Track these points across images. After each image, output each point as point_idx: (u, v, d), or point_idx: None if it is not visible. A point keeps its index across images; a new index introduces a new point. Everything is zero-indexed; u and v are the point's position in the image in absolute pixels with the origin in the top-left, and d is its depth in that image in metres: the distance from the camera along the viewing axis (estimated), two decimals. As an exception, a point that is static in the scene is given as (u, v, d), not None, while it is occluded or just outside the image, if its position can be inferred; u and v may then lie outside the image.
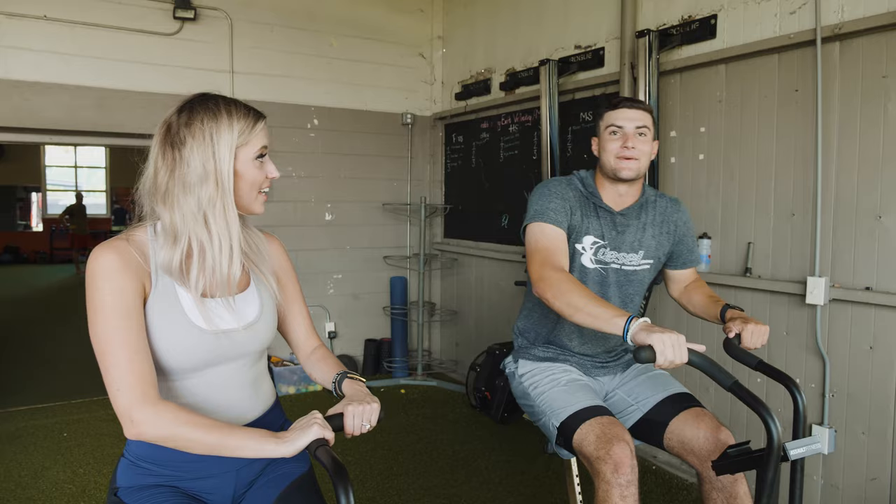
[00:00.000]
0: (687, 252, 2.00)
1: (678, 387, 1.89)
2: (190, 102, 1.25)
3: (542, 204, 1.84)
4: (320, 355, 1.48)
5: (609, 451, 1.59)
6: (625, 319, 1.48)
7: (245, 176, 1.25)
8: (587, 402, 1.75)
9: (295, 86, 4.53)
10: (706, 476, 1.70)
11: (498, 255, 4.50)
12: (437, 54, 5.10)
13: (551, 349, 1.98)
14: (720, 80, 3.06)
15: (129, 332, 1.16)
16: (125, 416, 1.13)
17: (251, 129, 1.25)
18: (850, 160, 2.59)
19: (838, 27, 2.55)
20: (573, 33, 3.86)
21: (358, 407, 1.23)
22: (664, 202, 1.98)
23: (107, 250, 1.19)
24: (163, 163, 1.22)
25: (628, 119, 1.84)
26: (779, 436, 1.26)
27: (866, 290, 2.55)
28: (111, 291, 1.16)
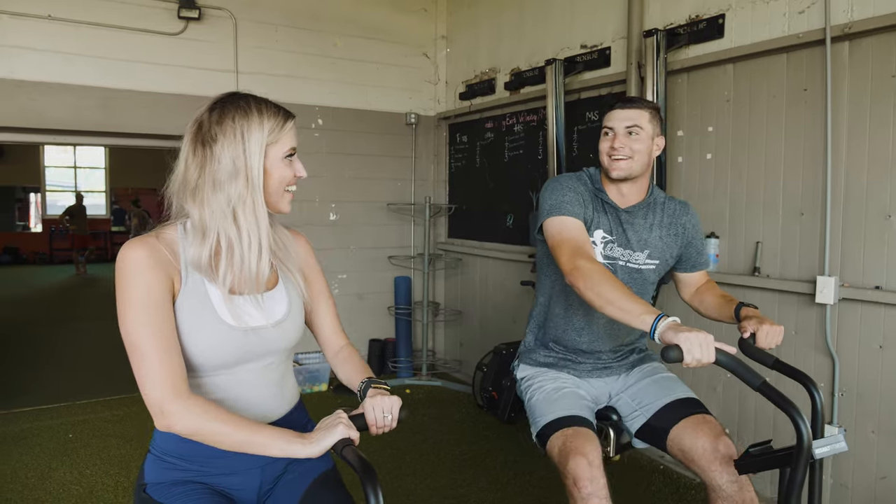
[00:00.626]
0: (696, 255, 1.99)
1: (683, 391, 1.88)
2: (221, 101, 1.26)
3: (557, 198, 1.84)
4: (346, 355, 1.48)
5: (566, 465, 1.61)
6: (654, 317, 1.47)
7: (274, 174, 1.27)
8: (562, 412, 1.76)
9: (299, 86, 4.52)
10: (709, 483, 1.68)
11: (503, 255, 4.50)
12: (441, 54, 5.10)
13: (554, 352, 1.98)
14: (728, 79, 3.06)
15: (160, 326, 1.17)
16: (156, 408, 1.14)
17: (281, 128, 1.26)
18: (859, 160, 2.59)
19: (848, 27, 2.55)
20: (579, 33, 3.86)
21: (377, 399, 1.24)
22: (673, 205, 1.98)
23: (137, 246, 1.20)
24: (193, 160, 1.23)
25: (618, 119, 1.86)
26: (809, 436, 1.26)
27: (876, 289, 2.55)
28: (141, 286, 1.17)
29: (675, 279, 2.07)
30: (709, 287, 2.00)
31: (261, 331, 1.28)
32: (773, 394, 1.34)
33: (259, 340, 1.28)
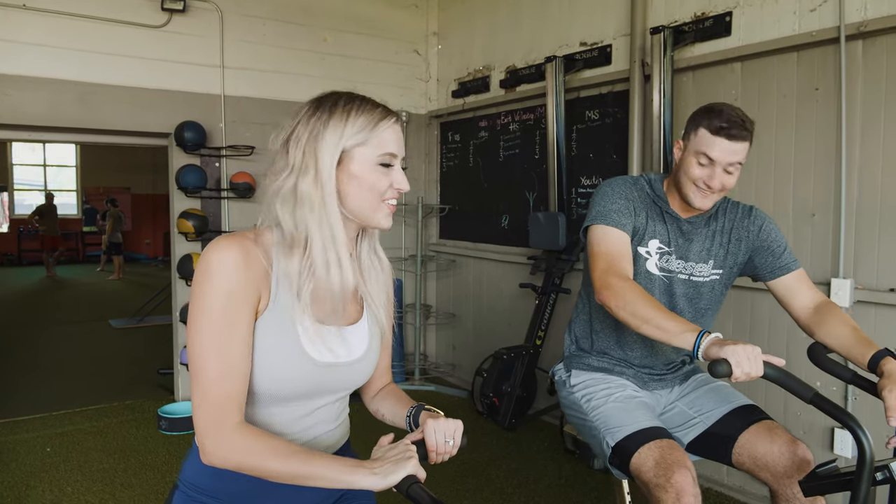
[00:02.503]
0: (772, 259, 1.79)
1: (743, 398, 1.80)
2: (315, 99, 1.14)
3: (605, 205, 1.73)
4: (389, 389, 1.35)
5: (670, 478, 1.49)
6: (696, 334, 1.39)
7: (362, 179, 1.10)
8: (645, 423, 1.65)
9: (287, 82, 4.37)
10: (782, 493, 1.61)
11: (498, 257, 4.41)
12: (433, 51, 4.99)
13: (607, 359, 1.88)
14: (735, 78, 3.00)
15: (231, 342, 1.03)
16: (199, 437, 1.02)
17: (372, 127, 1.10)
18: (873, 160, 2.55)
19: (863, 25, 2.51)
20: (578, 30, 3.78)
21: (437, 421, 1.12)
22: (735, 210, 1.85)
23: (230, 244, 1.05)
24: (280, 162, 1.11)
25: (724, 152, 1.63)
26: (871, 449, 1.18)
27: (891, 291, 2.51)
28: (223, 293, 1.02)
29: (775, 295, 1.83)
30: (833, 312, 1.69)
31: (338, 368, 1.15)
32: (829, 406, 1.26)
33: (333, 378, 1.15)
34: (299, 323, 1.09)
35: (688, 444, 1.78)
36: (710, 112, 1.68)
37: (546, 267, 3.80)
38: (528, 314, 4.08)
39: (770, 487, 1.65)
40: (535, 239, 3.80)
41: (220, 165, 4.19)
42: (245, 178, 4.13)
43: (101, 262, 13.00)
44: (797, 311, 1.76)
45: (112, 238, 11.78)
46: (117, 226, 11.78)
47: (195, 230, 3.96)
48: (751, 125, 1.67)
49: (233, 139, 4.18)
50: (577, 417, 1.85)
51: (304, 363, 1.10)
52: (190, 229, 3.95)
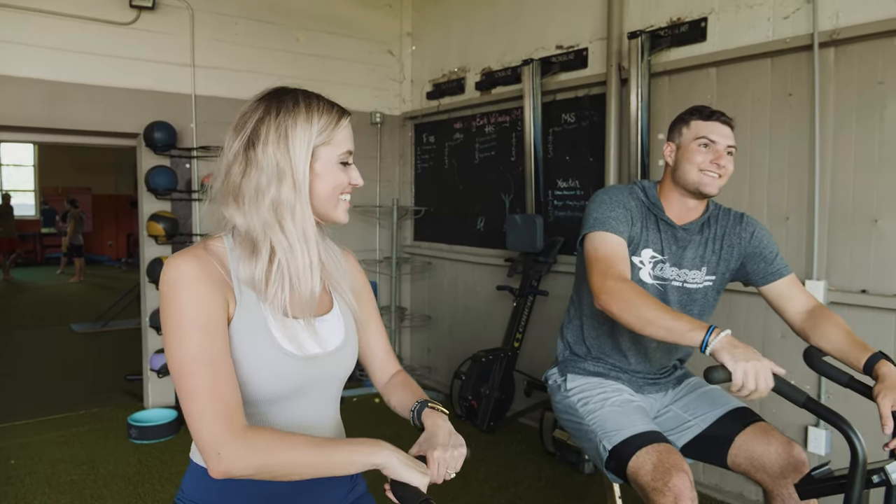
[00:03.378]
0: (765, 265, 1.82)
1: (736, 401, 1.81)
2: (267, 95, 1.11)
3: (603, 212, 1.73)
4: (399, 380, 1.33)
5: (667, 482, 1.50)
6: (704, 332, 1.40)
7: (326, 178, 1.11)
8: (642, 427, 1.66)
9: (260, 81, 4.18)
10: (777, 494, 1.63)
11: (474, 259, 4.40)
12: (407, 52, 4.96)
13: (602, 364, 1.88)
14: (711, 83, 3.05)
15: (214, 350, 1.00)
16: (210, 451, 0.96)
17: (334, 127, 1.11)
18: (845, 165, 2.61)
19: (835, 32, 2.57)
20: (555, 33, 3.80)
21: (444, 453, 1.10)
22: (727, 217, 1.88)
23: (185, 258, 1.04)
24: (235, 162, 1.08)
25: (722, 135, 1.73)
26: (864, 451, 1.21)
27: (862, 292, 2.58)
28: (193, 304, 1.01)
29: (768, 300, 1.85)
30: (828, 316, 1.70)
31: (319, 359, 1.13)
32: (821, 410, 1.28)
33: (317, 370, 1.13)
34: (271, 322, 1.08)
35: (682, 447, 1.80)
36: (696, 108, 1.83)
37: (523, 269, 3.81)
38: (503, 316, 4.08)
39: (765, 488, 1.67)
40: (512, 241, 3.81)
41: (191, 167, 4.10)
42: (217, 179, 4.04)
43: (62, 265, 12.62)
44: (791, 315, 1.78)
45: (73, 240, 11.46)
46: (78, 227, 11.46)
47: (165, 233, 3.87)
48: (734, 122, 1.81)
49: (204, 140, 4.09)
50: (572, 422, 1.85)
51: (283, 360, 1.08)
52: (160, 232, 3.85)
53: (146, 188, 3.91)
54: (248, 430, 0.98)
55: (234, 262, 1.09)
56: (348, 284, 1.23)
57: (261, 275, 1.07)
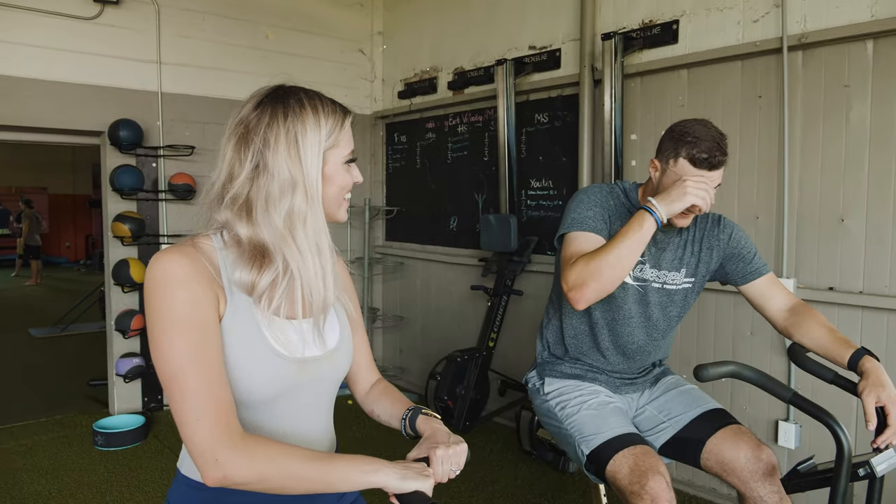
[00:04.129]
0: (744, 265, 1.84)
1: (712, 402, 1.84)
2: (268, 97, 1.06)
3: (581, 212, 1.73)
4: (382, 389, 1.31)
5: (644, 485, 1.52)
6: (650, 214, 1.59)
7: (334, 181, 1.08)
8: (620, 430, 1.67)
9: (228, 79, 4.22)
10: (749, 496, 1.65)
11: (447, 259, 4.40)
12: (378, 50, 4.93)
13: (580, 365, 1.88)
14: (682, 84, 3.10)
15: (208, 350, 0.96)
16: (207, 457, 0.92)
17: (341, 128, 1.07)
18: (813, 165, 2.68)
19: (803, 36, 2.63)
20: (527, 33, 3.82)
21: (447, 450, 1.08)
22: (705, 219, 1.88)
23: (174, 255, 0.99)
24: (240, 169, 1.02)
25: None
26: (849, 445, 1.23)
27: (830, 290, 2.65)
28: (184, 302, 0.96)
29: (749, 299, 1.87)
30: (809, 314, 1.71)
31: (314, 361, 1.09)
32: (808, 405, 1.31)
33: (312, 372, 1.10)
34: (263, 323, 1.04)
35: (659, 448, 1.81)
36: (688, 140, 1.64)
37: (497, 269, 3.82)
38: (476, 316, 4.09)
39: (738, 490, 1.69)
40: (486, 241, 3.81)
41: (158, 166, 4.00)
42: (185, 179, 3.96)
43: (17, 267, 12.22)
44: (772, 314, 1.80)
45: (29, 241, 11.10)
46: (34, 228, 11.11)
47: (132, 234, 3.77)
48: (725, 144, 1.66)
49: (171, 138, 4.00)
50: (552, 425, 1.86)
51: (275, 361, 1.04)
52: (126, 233, 3.75)
53: (111, 188, 3.80)
54: (246, 437, 0.95)
55: (224, 262, 1.05)
56: (340, 286, 1.19)
57: (265, 285, 1.03)
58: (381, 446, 3.53)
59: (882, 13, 2.44)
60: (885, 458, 1.25)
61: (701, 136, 1.63)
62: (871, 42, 2.49)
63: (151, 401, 4.07)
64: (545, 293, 3.76)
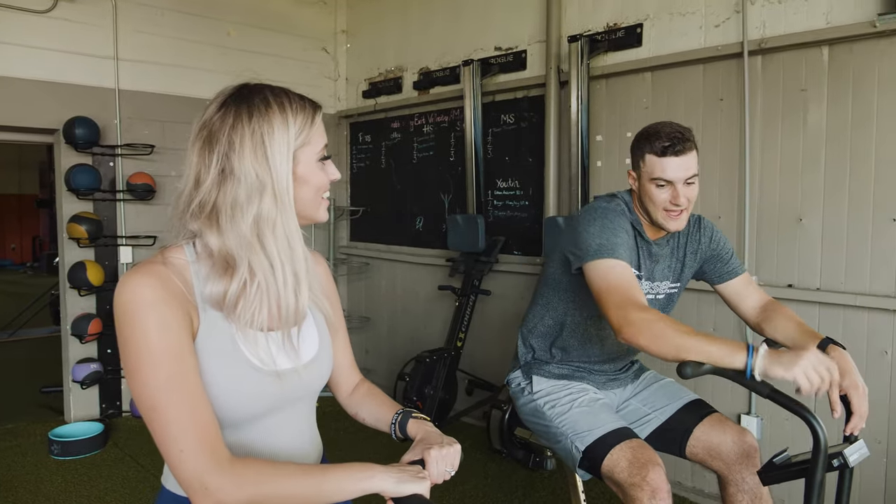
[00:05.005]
0: (721, 265, 1.89)
1: (691, 394, 1.90)
2: (233, 97, 1.00)
3: (609, 238, 1.66)
4: (366, 390, 1.29)
5: (645, 477, 1.55)
6: (744, 354, 1.35)
7: (311, 180, 1.03)
8: (613, 425, 1.70)
9: (189, 77, 4.12)
10: (732, 479, 1.72)
11: (413, 259, 4.39)
12: (342, 49, 4.89)
13: (567, 365, 1.91)
14: (646, 87, 3.16)
15: (186, 376, 0.92)
16: (195, 486, 0.89)
17: (311, 125, 1.02)
18: (772, 167, 2.77)
19: (763, 42, 2.72)
20: (493, 35, 3.84)
21: (441, 451, 1.08)
22: (686, 225, 1.86)
23: (144, 276, 0.93)
24: (206, 174, 0.97)
25: (678, 169, 1.66)
26: (825, 437, 1.28)
27: (789, 286, 2.74)
28: (157, 328, 0.91)
29: (723, 297, 1.92)
30: (778, 309, 1.78)
31: (293, 373, 1.06)
32: (785, 399, 1.35)
33: (292, 384, 1.06)
34: (239, 338, 1.00)
35: (645, 438, 1.85)
36: (649, 136, 1.71)
37: (465, 269, 3.83)
38: (443, 316, 4.09)
39: (720, 475, 1.75)
40: (454, 241, 3.82)
41: (116, 165, 3.88)
42: (144, 178, 3.85)
43: (-43, 270, 11.70)
44: (746, 311, 1.86)
45: (-29, 243, 10.64)
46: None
47: (88, 235, 3.65)
48: (690, 133, 1.71)
49: (130, 137, 3.88)
50: (539, 424, 1.87)
51: (253, 376, 1.01)
52: (83, 234, 3.63)
53: (66, 188, 3.67)
54: (234, 461, 0.92)
55: (197, 276, 1.00)
56: (320, 289, 1.16)
57: (234, 295, 0.98)
58: (347, 448, 3.50)
59: (837, 21, 2.54)
60: (856, 449, 1.30)
61: (659, 129, 1.69)
62: (827, 48, 2.58)
63: (110, 407, 3.95)
64: (513, 293, 3.79)
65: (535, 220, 3.69)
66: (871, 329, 2.53)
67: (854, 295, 2.55)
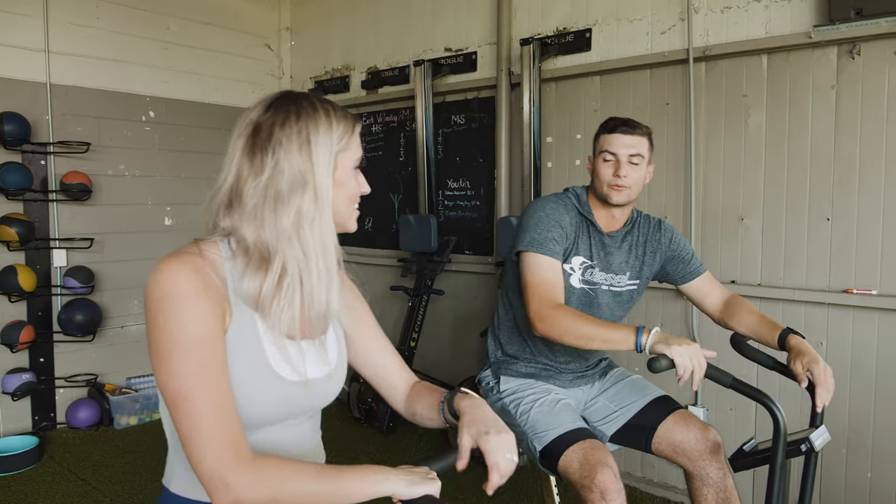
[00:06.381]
0: (683, 266, 1.99)
1: (658, 390, 1.96)
2: (280, 99, 1.03)
3: (541, 233, 1.78)
4: (422, 387, 1.25)
5: (594, 478, 1.60)
6: (634, 334, 1.54)
7: (346, 186, 1.06)
8: (570, 426, 1.75)
9: (126, 72, 3.95)
10: (697, 473, 1.78)
11: (363, 259, 4.35)
12: (286, 46, 4.79)
13: (534, 365, 1.94)
14: (595, 90, 3.25)
15: (218, 368, 0.92)
16: (216, 481, 0.88)
17: (352, 133, 1.06)
18: (716, 169, 2.91)
19: (707, 49, 2.85)
20: (442, 35, 3.86)
21: (498, 437, 1.04)
22: (647, 223, 2.01)
23: (182, 266, 0.94)
24: (249, 170, 0.98)
25: (623, 146, 1.84)
26: (784, 424, 1.36)
27: (732, 283, 2.88)
28: (194, 319, 0.91)
29: (688, 296, 2.03)
30: (741, 304, 1.91)
31: (311, 384, 1.06)
32: (747, 388, 1.43)
33: (310, 393, 1.06)
34: (266, 341, 1.01)
35: (611, 436, 1.91)
36: (607, 121, 1.93)
37: (417, 269, 3.83)
38: (394, 317, 4.09)
39: (686, 470, 1.82)
40: (406, 241, 3.82)
41: (48, 163, 3.67)
42: (80, 178, 3.67)
43: None
44: (710, 308, 1.98)
45: None
46: None
47: (19, 238, 3.44)
48: (645, 127, 1.90)
49: (63, 134, 3.69)
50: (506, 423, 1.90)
51: (274, 384, 1.01)
52: (13, 237, 3.42)
53: (-7, 187, 3.45)
54: (256, 459, 0.91)
55: (231, 273, 1.00)
56: (343, 300, 1.14)
57: (269, 290, 0.99)
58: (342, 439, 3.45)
59: (775, 31, 2.69)
60: (820, 434, 1.39)
61: (617, 116, 1.93)
62: (766, 56, 2.73)
63: (43, 419, 3.74)
64: (465, 292, 3.83)
65: (486, 220, 3.73)
66: (808, 321, 2.69)
67: (792, 290, 2.70)
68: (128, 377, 4.06)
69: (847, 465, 2.63)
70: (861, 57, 2.51)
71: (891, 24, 2.38)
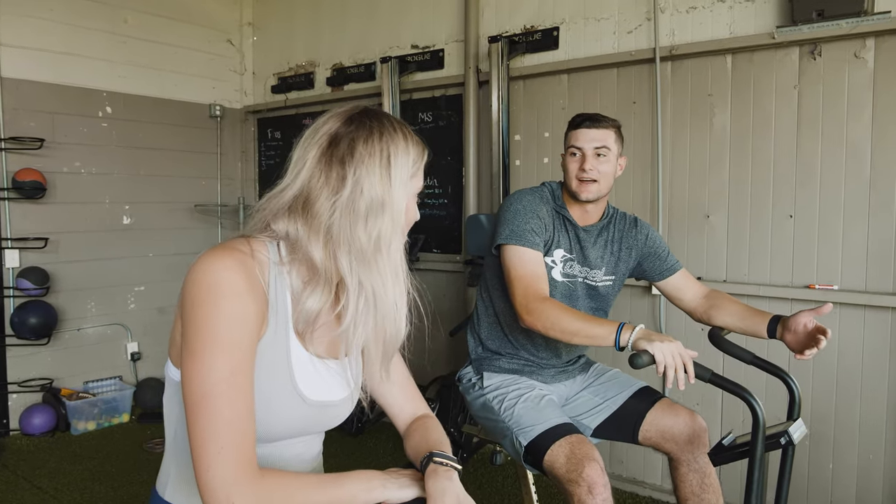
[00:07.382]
0: (660, 262, 2.01)
1: (639, 381, 1.98)
2: (361, 114, 0.99)
3: (520, 224, 1.79)
4: (419, 424, 1.20)
5: (581, 472, 1.60)
6: (615, 331, 1.55)
7: (409, 212, 1.02)
8: (555, 421, 1.74)
9: (82, 66, 3.82)
10: (684, 459, 1.81)
11: (329, 259, 4.30)
12: (248, 42, 4.70)
13: (517, 360, 1.93)
14: (563, 88, 3.27)
15: (248, 379, 0.88)
16: (220, 495, 0.83)
17: (422, 159, 1.02)
18: (682, 167, 2.95)
19: (673, 49, 2.88)
20: (409, 32, 3.83)
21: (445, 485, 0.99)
22: (623, 221, 2.02)
23: (233, 262, 0.89)
24: (324, 182, 0.93)
25: (587, 140, 1.86)
26: (763, 418, 1.38)
27: (698, 279, 2.90)
28: (235, 318, 0.87)
29: (665, 293, 2.06)
30: (722, 296, 1.94)
31: (329, 406, 1.02)
32: (726, 383, 1.44)
33: (322, 417, 1.03)
34: (295, 357, 0.97)
35: (596, 428, 1.91)
36: (573, 117, 1.96)
37: (385, 268, 3.79)
38: (364, 316, 4.04)
39: (672, 456, 1.84)
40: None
41: (-1, 160, 3.53)
42: (33, 175, 3.53)
43: None
44: (689, 304, 1.99)
45: None
46: None
47: (-32, 238, 3.29)
48: (612, 120, 1.92)
49: (14, 130, 3.54)
50: (488, 419, 1.89)
51: (295, 402, 0.98)
52: (-39, 237, 3.27)
53: (-61, 185, 3.30)
54: (263, 475, 0.88)
55: (276, 279, 0.95)
56: None
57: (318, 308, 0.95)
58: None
59: (739, 31, 2.73)
60: (797, 427, 1.41)
61: (585, 112, 1.96)
62: (730, 56, 2.78)
63: (-5, 427, 3.59)
64: (434, 291, 3.80)
65: (454, 218, 3.71)
66: (772, 316, 2.74)
67: (757, 285, 2.76)
68: (85, 381, 3.92)
69: (810, 457, 2.69)
70: (822, 58, 2.57)
71: (851, 25, 2.44)
